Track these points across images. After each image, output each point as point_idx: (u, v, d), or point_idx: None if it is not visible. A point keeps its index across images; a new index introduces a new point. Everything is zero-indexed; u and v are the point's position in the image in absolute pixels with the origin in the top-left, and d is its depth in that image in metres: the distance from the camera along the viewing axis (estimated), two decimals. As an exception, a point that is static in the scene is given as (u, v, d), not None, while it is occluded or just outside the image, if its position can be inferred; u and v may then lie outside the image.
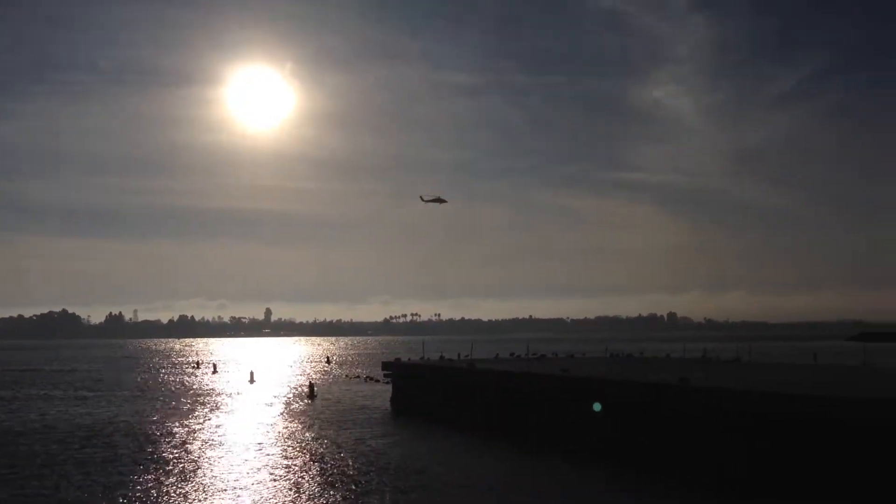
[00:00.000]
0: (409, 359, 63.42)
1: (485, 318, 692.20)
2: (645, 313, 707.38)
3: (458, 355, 64.72)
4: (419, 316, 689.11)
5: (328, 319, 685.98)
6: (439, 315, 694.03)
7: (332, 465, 31.79)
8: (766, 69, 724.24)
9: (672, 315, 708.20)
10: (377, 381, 76.86)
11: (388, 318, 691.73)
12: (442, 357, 63.15)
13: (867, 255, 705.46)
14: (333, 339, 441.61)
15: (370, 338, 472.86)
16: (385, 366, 59.46)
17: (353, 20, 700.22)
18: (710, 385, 30.33)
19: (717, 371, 40.28)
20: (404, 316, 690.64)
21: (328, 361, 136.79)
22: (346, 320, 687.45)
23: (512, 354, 65.69)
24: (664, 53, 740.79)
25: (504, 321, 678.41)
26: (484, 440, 38.11)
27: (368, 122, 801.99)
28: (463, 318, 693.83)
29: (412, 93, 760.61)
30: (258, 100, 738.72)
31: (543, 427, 37.65)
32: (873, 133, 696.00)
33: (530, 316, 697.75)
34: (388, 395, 57.31)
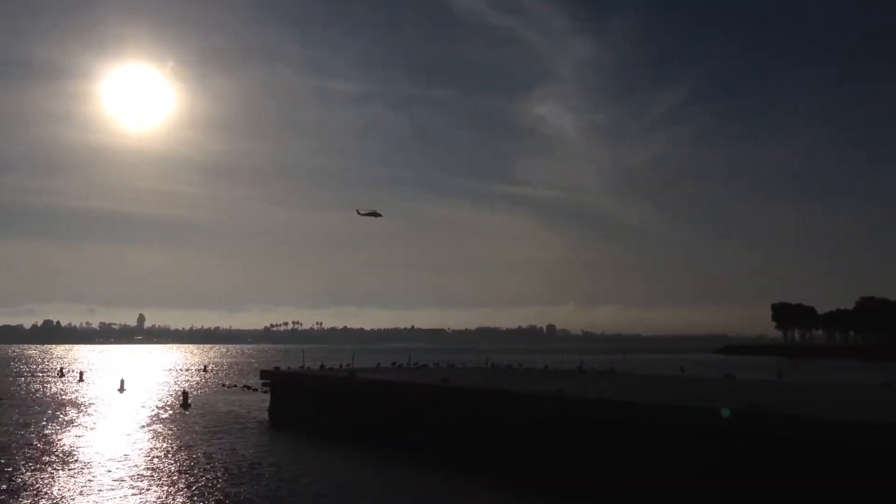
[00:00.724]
0: (288, 368, 62.13)
1: (367, 328, 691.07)
2: (525, 325, 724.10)
3: (340, 364, 63.99)
4: (300, 324, 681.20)
5: (205, 327, 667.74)
6: (321, 324, 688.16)
7: (201, 476, 30.63)
8: (644, 93, 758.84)
9: (551, 327, 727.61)
10: (255, 390, 75.05)
11: (268, 326, 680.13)
12: (322, 366, 62.39)
13: (732, 272, 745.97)
14: (211, 347, 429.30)
15: (250, 346, 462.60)
16: (263, 374, 58.13)
17: (238, 22, 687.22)
18: (586, 396, 30.99)
19: (593, 382, 41.27)
20: (285, 324, 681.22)
21: (204, 370, 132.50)
22: (224, 328, 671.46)
23: (394, 364, 65.54)
24: (549, 72, 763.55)
25: (386, 330, 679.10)
26: (362, 450, 37.61)
27: (251, 127, 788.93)
28: (345, 327, 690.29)
29: (297, 99, 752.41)
30: (137, 98, 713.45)
31: (423, 437, 37.58)
32: (738, 155, 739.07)
33: (412, 326, 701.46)
34: (266, 404, 56.01)
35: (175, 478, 30.30)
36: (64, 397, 71.01)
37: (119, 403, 64.51)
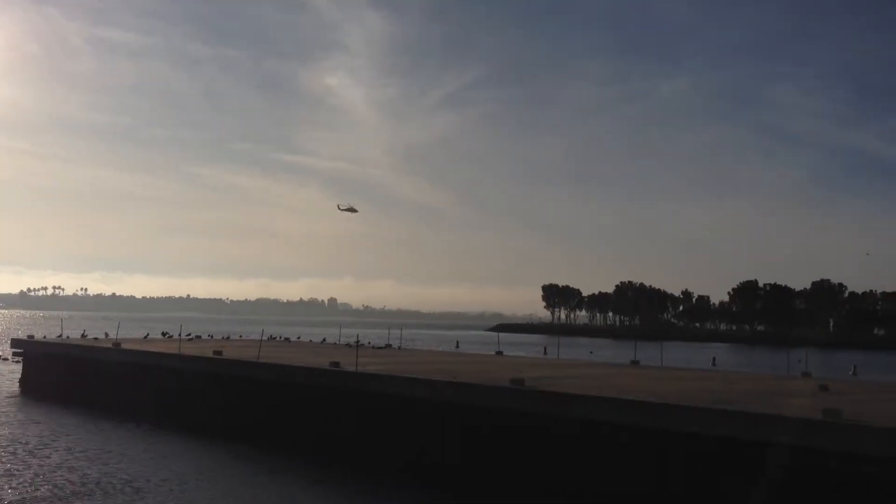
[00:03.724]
0: (44, 336, 57.54)
1: (138, 295, 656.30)
2: (306, 297, 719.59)
3: (106, 334, 60.22)
4: (62, 290, 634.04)
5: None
6: (86, 289, 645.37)
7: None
8: (432, 73, 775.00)
9: (332, 300, 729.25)
10: (6, 359, 68.91)
11: (24, 290, 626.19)
12: (84, 335, 58.50)
13: (508, 253, 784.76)
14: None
15: (1, 311, 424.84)
16: (15, 343, 53.66)
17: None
18: (361, 371, 31.25)
19: (370, 356, 41.69)
20: (44, 289, 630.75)
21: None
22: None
23: (164, 334, 62.57)
24: (339, 42, 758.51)
25: (159, 299, 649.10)
26: (122, 423, 35.43)
27: (15, 73, 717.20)
28: (114, 294, 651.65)
29: (68, 46, 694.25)
30: None
31: (191, 411, 36.27)
32: (518, 142, 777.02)
33: (188, 294, 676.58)
34: (17, 375, 51.68)
35: None
36: None
37: None
